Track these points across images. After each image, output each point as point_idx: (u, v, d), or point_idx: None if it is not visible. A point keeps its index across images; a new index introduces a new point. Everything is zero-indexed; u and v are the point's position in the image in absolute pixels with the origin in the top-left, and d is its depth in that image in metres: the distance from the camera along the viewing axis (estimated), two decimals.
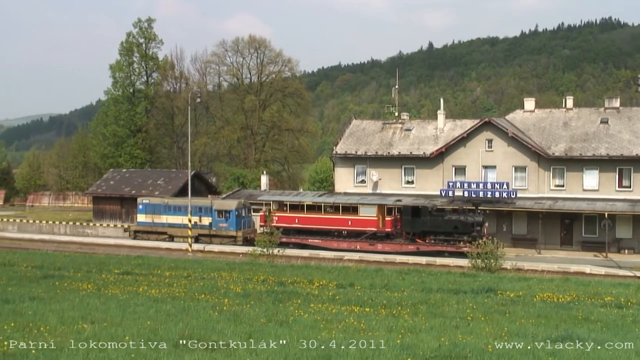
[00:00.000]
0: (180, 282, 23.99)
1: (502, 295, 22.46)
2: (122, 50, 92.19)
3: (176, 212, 60.54)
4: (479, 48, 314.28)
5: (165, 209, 61.19)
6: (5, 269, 27.31)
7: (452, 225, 50.59)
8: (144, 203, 62.40)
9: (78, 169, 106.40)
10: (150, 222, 61.56)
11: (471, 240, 48.85)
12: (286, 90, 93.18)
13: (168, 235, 60.69)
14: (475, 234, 49.60)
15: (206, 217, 58.38)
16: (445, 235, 50.94)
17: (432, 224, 51.13)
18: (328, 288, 23.44)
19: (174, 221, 60.40)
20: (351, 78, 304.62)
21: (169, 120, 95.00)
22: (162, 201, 62.16)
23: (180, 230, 59.31)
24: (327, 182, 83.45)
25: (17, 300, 17.67)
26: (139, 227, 62.27)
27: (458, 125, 61.29)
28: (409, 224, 52.19)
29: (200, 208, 58.93)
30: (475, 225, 50.11)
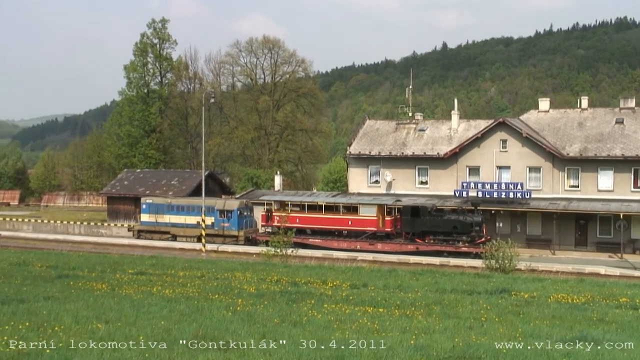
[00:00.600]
0: (194, 282, 24.01)
1: (516, 296, 22.35)
2: (137, 51, 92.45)
3: (179, 212, 61.20)
4: (493, 48, 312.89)
5: (168, 208, 61.76)
6: (20, 268, 27.44)
7: (451, 225, 50.86)
8: (148, 203, 63.01)
9: (92, 169, 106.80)
10: (154, 222, 62.16)
11: (470, 240, 49.74)
12: (300, 91, 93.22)
13: (171, 234, 61.23)
14: (474, 233, 50.20)
15: (209, 217, 58.47)
16: (444, 235, 51.26)
17: (431, 224, 51.38)
18: (341, 288, 23.40)
19: (177, 221, 61.04)
20: (365, 78, 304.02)
21: (183, 120, 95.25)
22: (165, 201, 62.76)
23: (183, 230, 60.15)
24: (341, 182, 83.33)
25: (32, 300, 17.75)
26: (143, 227, 62.93)
27: (472, 125, 61.12)
28: (408, 224, 52.47)
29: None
30: (474, 225, 50.44)
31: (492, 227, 55.38)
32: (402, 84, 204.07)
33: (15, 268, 27.47)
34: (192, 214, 60.17)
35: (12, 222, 73.29)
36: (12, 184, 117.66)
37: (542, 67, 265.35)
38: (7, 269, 26.88)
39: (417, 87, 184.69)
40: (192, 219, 59.81)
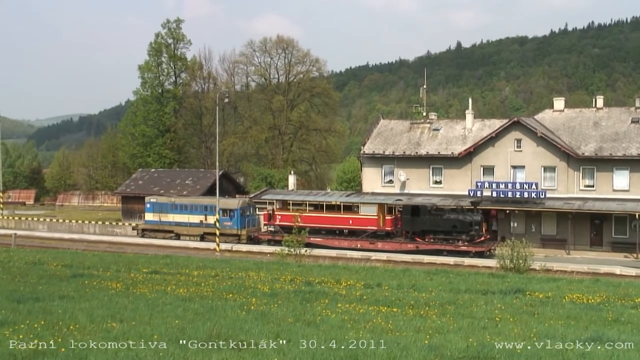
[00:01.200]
0: (208, 281, 24.06)
1: (530, 296, 22.27)
2: (151, 51, 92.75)
3: (182, 211, 61.83)
4: (508, 47, 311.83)
5: (172, 207, 62.40)
6: (36, 267, 27.59)
7: (451, 224, 51.16)
8: (152, 202, 63.69)
9: (107, 168, 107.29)
10: (158, 221, 62.84)
11: (469, 239, 50.04)
12: (314, 90, 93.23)
13: (175, 233, 61.82)
14: (473, 233, 50.45)
15: (212, 216, 59.36)
16: (444, 234, 51.58)
17: (431, 223, 51.70)
18: (355, 288, 23.39)
19: (181, 220, 61.71)
20: (379, 78, 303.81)
21: (197, 120, 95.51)
22: (168, 200, 63.42)
23: (186, 229, 60.91)
24: (355, 182, 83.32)
25: (47, 299, 17.83)
26: (147, 226, 63.66)
27: (486, 125, 60.93)
28: (408, 223, 52.79)
29: (206, 207, 60.51)
30: (474, 224, 50.68)
31: (506, 227, 55.27)
32: (416, 83, 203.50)
33: (31, 267, 27.63)
34: (195, 213, 61.07)
35: (28, 221, 73.73)
36: (28, 184, 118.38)
37: (557, 66, 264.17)
38: (22, 268, 27.04)
39: (432, 86, 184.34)
40: (195, 217, 60.80)
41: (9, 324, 13.73)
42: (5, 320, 14.18)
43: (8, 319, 14.28)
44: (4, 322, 13.99)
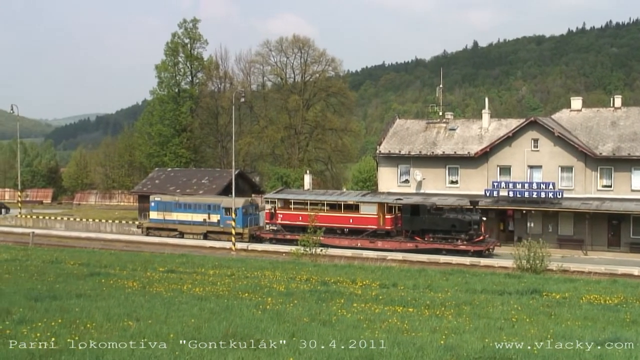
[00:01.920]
0: (224, 280, 24.10)
1: (547, 296, 22.16)
2: (168, 51, 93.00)
3: (186, 209, 62.39)
4: (525, 46, 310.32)
5: (176, 206, 63.01)
6: (53, 266, 27.74)
7: (450, 223, 51.47)
8: (156, 201, 64.35)
9: (124, 167, 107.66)
10: (162, 219, 63.54)
11: (468, 239, 50.41)
12: (330, 90, 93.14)
13: (178, 232, 62.43)
14: (472, 232, 50.70)
15: (215, 215, 60.29)
16: (443, 233, 51.89)
17: (430, 222, 52.06)
18: (371, 288, 23.37)
19: (184, 218, 62.27)
20: (395, 77, 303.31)
21: (213, 119, 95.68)
22: (172, 199, 64.07)
23: (190, 227, 61.62)
24: (371, 181, 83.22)
25: (64, 297, 17.91)
26: (151, 224, 64.39)
27: (503, 124, 60.69)
28: (408, 222, 53.13)
29: (209, 206, 61.15)
30: (473, 223, 50.95)
31: (523, 227, 55.06)
32: (433, 83, 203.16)
33: (48, 265, 27.78)
34: (198, 211, 61.67)
35: (45, 220, 74.16)
36: (46, 183, 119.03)
37: (575, 65, 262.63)
38: (40, 266, 27.20)
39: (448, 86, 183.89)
40: (199, 216, 61.45)
41: (26, 322, 13.82)
42: (23, 318, 14.27)
43: (26, 317, 14.37)
44: (22, 320, 14.08)
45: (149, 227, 64.40)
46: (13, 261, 29.24)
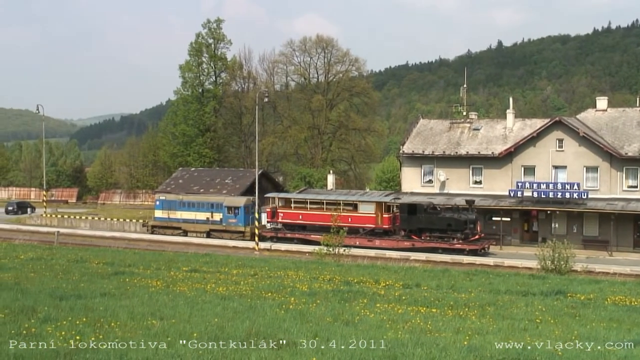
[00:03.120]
0: (247, 280, 24.13)
1: (572, 297, 21.98)
2: (192, 51, 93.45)
3: (190, 208, 63.54)
4: (550, 46, 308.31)
5: (180, 205, 64.15)
6: (78, 265, 27.92)
7: (446, 222, 52.06)
8: (161, 199, 65.74)
9: (148, 167, 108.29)
10: (167, 218, 64.68)
11: (464, 238, 50.98)
12: (353, 90, 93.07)
13: (182, 230, 63.45)
14: (468, 231, 51.18)
15: (217, 213, 61.39)
16: (439, 232, 52.49)
17: (427, 221, 52.68)
18: (394, 288, 23.30)
19: (188, 217, 63.40)
20: (418, 77, 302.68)
21: (237, 119, 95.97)
22: (177, 197, 65.21)
23: (193, 226, 62.71)
24: (394, 181, 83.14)
25: (89, 296, 18.01)
26: (156, 222, 65.52)
27: (527, 124, 60.30)
28: (405, 221, 53.78)
29: (212, 204, 62.31)
30: (468, 223, 51.44)
31: (547, 228, 54.70)
32: (457, 82, 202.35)
33: (73, 265, 27.96)
34: (202, 210, 62.83)
35: (70, 219, 74.75)
36: (70, 182, 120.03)
37: (600, 65, 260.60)
38: (65, 265, 27.38)
39: (472, 86, 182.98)
40: (202, 215, 62.63)
41: (51, 321, 13.92)
42: (48, 316, 14.38)
43: (51, 316, 14.48)
44: (47, 318, 14.19)
45: (154, 226, 65.60)
46: (38, 260, 29.46)
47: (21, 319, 13.98)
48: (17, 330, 12.76)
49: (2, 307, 15.27)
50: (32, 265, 26.53)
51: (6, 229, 67.01)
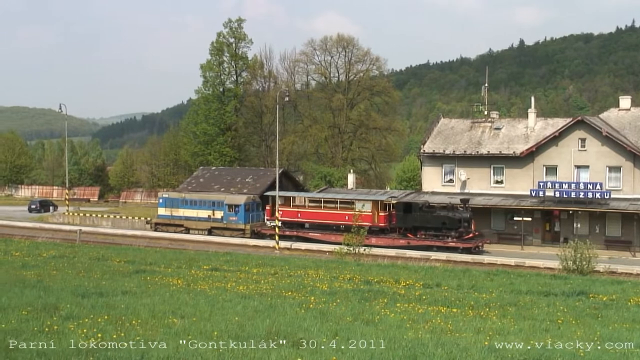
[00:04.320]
0: (268, 279, 24.17)
1: (594, 298, 21.81)
2: (213, 50, 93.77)
3: (192, 206, 64.48)
4: (572, 45, 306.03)
5: (182, 203, 65.19)
6: (100, 263, 28.09)
7: (441, 221, 52.58)
8: (164, 197, 67.25)
9: (169, 166, 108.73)
10: (169, 215, 65.74)
11: (458, 236, 51.60)
12: (374, 89, 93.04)
13: (184, 227, 64.28)
14: (462, 229, 51.76)
15: (219, 211, 62.37)
16: (434, 230, 53.05)
17: (422, 220, 53.24)
18: (414, 288, 23.24)
19: (190, 214, 64.31)
20: (439, 76, 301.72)
21: (257, 118, 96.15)
22: (179, 195, 66.56)
23: (195, 223, 63.66)
24: (414, 181, 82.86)
25: (111, 294, 18.12)
26: (159, 220, 66.76)
27: (549, 124, 59.91)
28: (401, 220, 54.44)
29: (213, 202, 63.18)
30: (463, 221, 51.99)
31: (569, 228, 54.32)
32: (478, 82, 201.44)
33: (95, 263, 28.14)
34: (203, 208, 63.67)
35: (92, 217, 75.18)
36: (92, 181, 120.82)
37: (624, 64, 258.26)
38: (87, 263, 27.56)
39: (493, 85, 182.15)
40: (204, 212, 63.49)
41: (73, 318, 14.02)
42: (70, 314, 14.49)
43: (73, 313, 14.58)
44: (69, 316, 14.30)
45: (157, 223, 66.84)
46: (61, 258, 29.69)
47: (44, 317, 14.10)
48: (40, 327, 12.87)
49: (25, 305, 15.41)
50: (54, 263, 26.75)
51: (29, 227, 67.52)
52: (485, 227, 57.06)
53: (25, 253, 31.56)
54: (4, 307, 15.13)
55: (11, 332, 12.25)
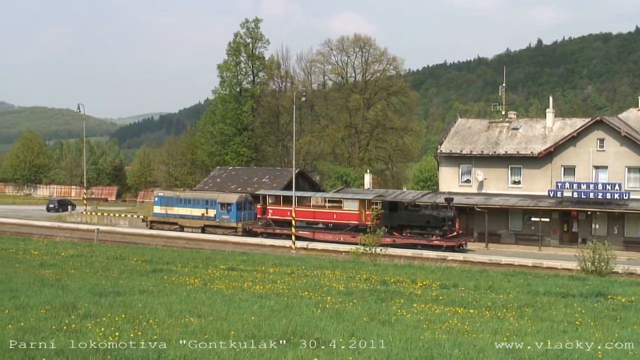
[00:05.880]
0: (284, 279, 24.20)
1: (612, 299, 21.67)
2: (230, 50, 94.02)
3: (186, 204, 65.70)
4: (591, 44, 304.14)
5: (177, 201, 66.46)
6: (117, 262, 28.23)
7: (425, 219, 53.18)
8: (159, 196, 68.69)
9: (186, 166, 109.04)
10: (164, 214, 66.84)
11: (442, 234, 52.17)
12: (391, 89, 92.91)
13: (179, 225, 65.31)
14: (446, 228, 52.35)
15: (212, 210, 63.30)
16: (419, 229, 53.52)
17: (407, 219, 53.85)
18: (431, 288, 23.19)
19: (184, 212, 65.40)
20: (457, 76, 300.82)
21: (274, 118, 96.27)
22: (174, 194, 68.33)
23: (189, 221, 64.69)
24: (431, 181, 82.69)
25: (128, 293, 18.20)
26: (155, 218, 67.75)
27: (568, 124, 59.55)
28: (387, 218, 54.89)
29: (207, 201, 64.19)
30: (447, 220, 52.49)
31: (587, 229, 53.99)
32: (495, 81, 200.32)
33: (113, 262, 28.28)
34: (197, 206, 64.68)
35: (110, 217, 75.56)
36: (110, 180, 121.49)
37: None
38: (104, 262, 27.71)
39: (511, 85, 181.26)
40: (197, 211, 64.45)
41: (91, 317, 14.11)
42: (88, 313, 14.57)
43: (91, 312, 14.67)
44: (87, 314, 14.38)
45: (152, 221, 67.65)
46: (79, 257, 29.87)
47: (62, 315, 14.19)
48: (58, 325, 12.95)
49: (44, 303, 15.52)
50: (72, 262, 26.92)
51: (47, 226, 67.97)
52: (503, 228, 56.86)
53: (44, 252, 31.78)
54: (23, 306, 15.26)
55: (30, 330, 12.35)
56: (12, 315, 13.95)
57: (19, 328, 12.55)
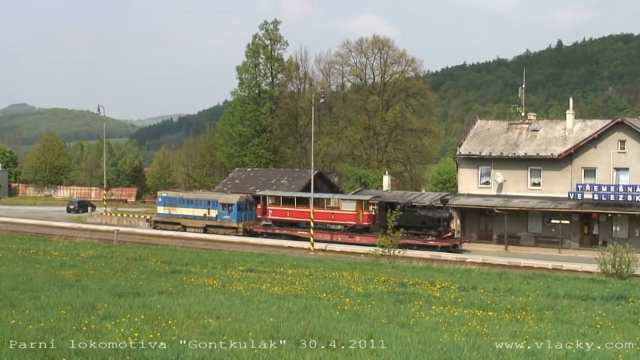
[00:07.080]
0: (302, 280, 24.21)
1: (634, 303, 21.50)
2: (249, 52, 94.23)
3: (189, 204, 66.64)
4: (612, 45, 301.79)
5: (180, 201, 67.41)
6: (136, 263, 28.37)
7: (421, 220, 54.07)
8: (163, 196, 69.47)
9: (205, 167, 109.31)
10: (168, 214, 67.75)
11: (437, 235, 53.01)
12: (409, 91, 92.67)
13: (182, 225, 66.30)
14: (441, 228, 53.25)
15: (213, 210, 64.27)
16: (415, 229, 54.04)
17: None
18: (450, 290, 23.11)
19: (187, 213, 66.40)
20: (476, 77, 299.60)
21: (293, 120, 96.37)
22: (177, 195, 69.20)
23: (191, 221, 65.74)
24: (450, 183, 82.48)
25: (147, 294, 18.26)
26: (158, 218, 68.73)
27: (588, 125, 59.15)
28: (384, 219, 53.79)
29: (209, 201, 65.21)
30: (442, 221, 53.48)
31: (608, 231, 53.60)
32: (515, 83, 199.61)
33: (132, 263, 28.42)
34: (199, 206, 65.70)
35: (129, 218, 75.96)
36: (130, 182, 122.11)
37: None
38: (124, 263, 27.85)
39: (531, 86, 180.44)
40: (199, 211, 65.45)
41: (110, 317, 14.17)
42: (107, 313, 14.64)
43: (110, 313, 14.73)
44: (107, 315, 14.45)
45: (156, 221, 68.59)
46: (98, 258, 30.04)
47: (82, 316, 14.26)
48: (78, 326, 13.01)
49: (64, 304, 15.61)
50: (92, 263, 27.09)
51: (67, 227, 68.39)
52: (522, 230, 56.58)
53: (64, 253, 32.00)
54: (43, 306, 15.35)
55: (50, 331, 12.41)
56: (33, 316, 14.04)
57: (39, 328, 12.62)
